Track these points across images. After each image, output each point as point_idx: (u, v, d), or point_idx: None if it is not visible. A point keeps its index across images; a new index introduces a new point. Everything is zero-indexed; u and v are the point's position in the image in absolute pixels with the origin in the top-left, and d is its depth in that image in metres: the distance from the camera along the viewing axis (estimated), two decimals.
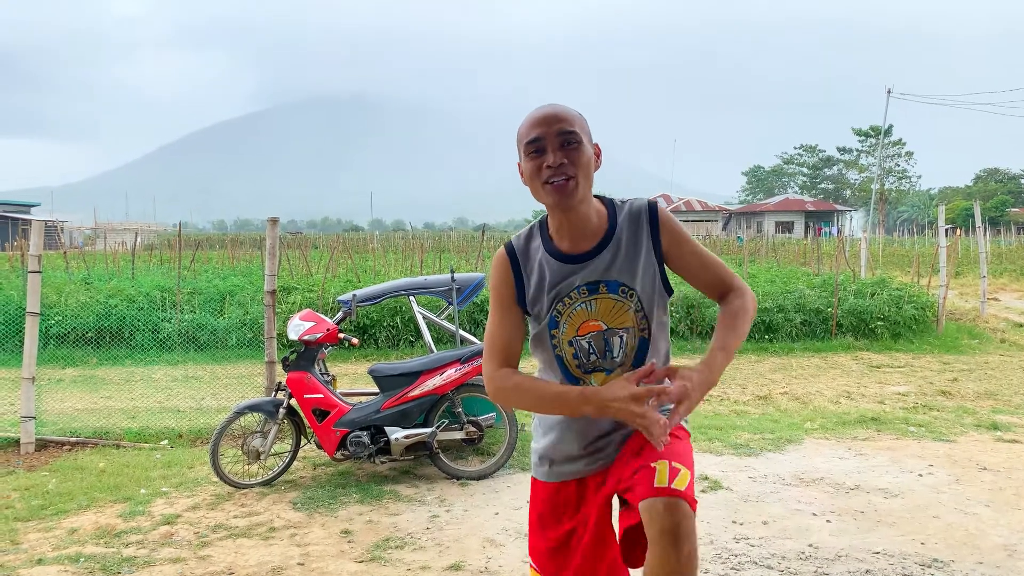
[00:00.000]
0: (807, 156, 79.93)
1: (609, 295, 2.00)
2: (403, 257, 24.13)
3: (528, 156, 1.96)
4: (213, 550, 3.93)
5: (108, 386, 8.46)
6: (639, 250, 2.01)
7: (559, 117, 1.95)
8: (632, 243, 2.01)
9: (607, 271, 2.00)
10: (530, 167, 1.97)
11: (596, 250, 2.00)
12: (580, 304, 2.02)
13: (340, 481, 5.03)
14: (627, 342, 2.02)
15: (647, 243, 2.01)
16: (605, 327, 2.01)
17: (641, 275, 2.00)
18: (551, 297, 2.02)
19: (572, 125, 1.95)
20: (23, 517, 4.44)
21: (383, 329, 10.68)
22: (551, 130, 1.93)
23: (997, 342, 11.22)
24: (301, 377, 5.04)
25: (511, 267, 2.08)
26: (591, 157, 1.97)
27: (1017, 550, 3.77)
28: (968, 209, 47.91)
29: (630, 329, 2.02)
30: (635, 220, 2.02)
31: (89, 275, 15.40)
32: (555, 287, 2.02)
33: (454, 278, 5.81)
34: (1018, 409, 7.06)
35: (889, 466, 5.17)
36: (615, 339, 2.02)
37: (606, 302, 2.01)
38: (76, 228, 56.01)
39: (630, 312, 2.01)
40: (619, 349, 2.02)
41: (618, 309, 2.01)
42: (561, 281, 2.01)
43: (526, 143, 1.96)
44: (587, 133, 1.99)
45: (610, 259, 2.00)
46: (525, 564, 3.71)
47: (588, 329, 2.02)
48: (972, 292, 16.54)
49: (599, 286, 2.00)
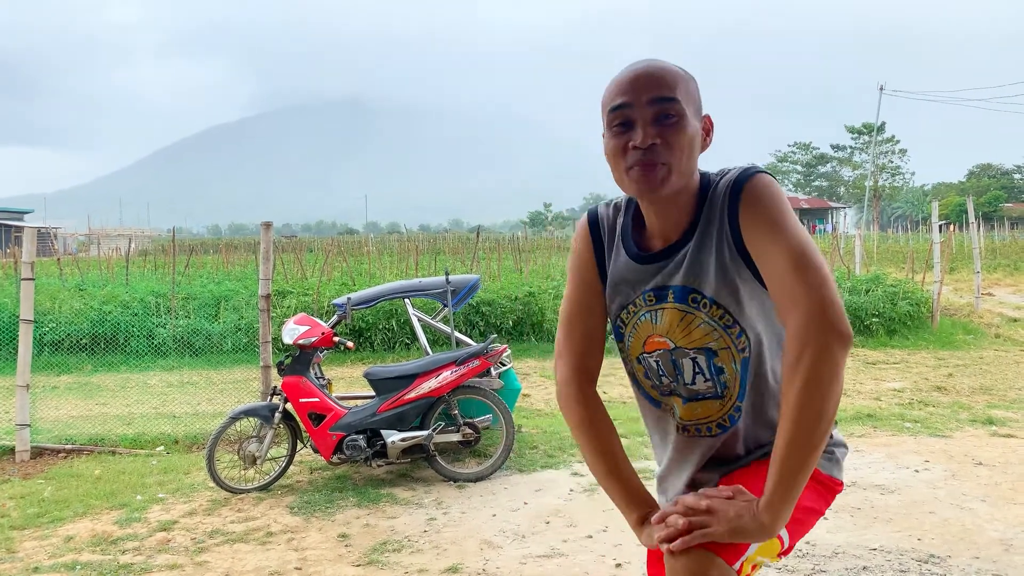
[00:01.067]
0: (801, 154, 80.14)
1: (676, 305, 1.53)
2: (398, 259, 24.11)
3: (611, 128, 1.50)
4: (210, 556, 3.92)
5: (103, 393, 8.43)
6: (710, 241, 1.50)
7: (656, 79, 1.46)
8: (709, 235, 1.51)
9: (676, 273, 1.53)
10: (612, 144, 1.50)
11: (674, 248, 1.54)
12: (645, 314, 1.58)
13: (337, 485, 5.02)
14: (705, 366, 1.55)
15: (720, 230, 1.49)
16: (672, 345, 1.56)
17: (715, 276, 1.49)
18: (617, 302, 1.63)
19: (672, 91, 1.46)
20: (19, 525, 4.42)
21: (378, 332, 10.66)
22: (643, 97, 1.45)
23: (992, 337, 11.26)
24: (296, 381, 5.03)
25: (592, 235, 1.67)
26: (696, 135, 1.49)
27: (1013, 545, 3.77)
28: (961, 205, 48.08)
29: (710, 349, 1.54)
30: (713, 203, 1.51)
31: (83, 281, 15.34)
32: (621, 289, 1.61)
33: (449, 280, 5.81)
34: (1013, 404, 7.08)
35: (885, 462, 5.18)
36: (684, 361, 1.56)
37: (672, 314, 1.54)
38: (70, 235, 55.83)
39: (703, 327, 1.52)
40: (693, 373, 1.56)
41: (686, 323, 1.53)
42: (627, 283, 1.60)
43: (609, 111, 1.50)
44: (695, 101, 1.51)
45: (686, 258, 1.52)
46: (522, 566, 3.71)
47: (654, 346, 1.59)
48: (966, 288, 16.59)
49: (667, 292, 1.54)
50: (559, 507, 4.50)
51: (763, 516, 1.35)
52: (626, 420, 6.60)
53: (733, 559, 1.40)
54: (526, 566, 3.70)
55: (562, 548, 3.90)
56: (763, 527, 1.35)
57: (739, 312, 1.50)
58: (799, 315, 1.34)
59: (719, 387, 1.57)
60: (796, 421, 1.32)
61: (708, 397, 1.58)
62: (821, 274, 1.36)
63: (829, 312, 1.32)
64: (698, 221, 1.52)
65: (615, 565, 3.67)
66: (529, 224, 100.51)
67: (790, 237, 1.40)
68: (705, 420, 1.60)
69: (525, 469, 5.26)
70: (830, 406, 1.32)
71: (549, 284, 13.34)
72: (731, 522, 1.35)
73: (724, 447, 1.60)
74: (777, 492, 1.34)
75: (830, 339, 1.31)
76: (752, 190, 1.47)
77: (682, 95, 1.47)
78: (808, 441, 1.32)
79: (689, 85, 1.51)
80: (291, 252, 24.96)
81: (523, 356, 10.18)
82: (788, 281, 1.37)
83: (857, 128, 63.19)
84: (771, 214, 1.44)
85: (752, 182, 1.48)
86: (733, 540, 1.36)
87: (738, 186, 1.48)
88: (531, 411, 7.15)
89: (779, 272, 1.39)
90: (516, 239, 33.90)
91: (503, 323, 10.84)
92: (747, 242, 1.46)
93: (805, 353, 1.31)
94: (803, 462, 1.33)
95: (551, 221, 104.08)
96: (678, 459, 1.65)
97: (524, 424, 6.34)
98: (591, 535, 4.05)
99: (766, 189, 1.46)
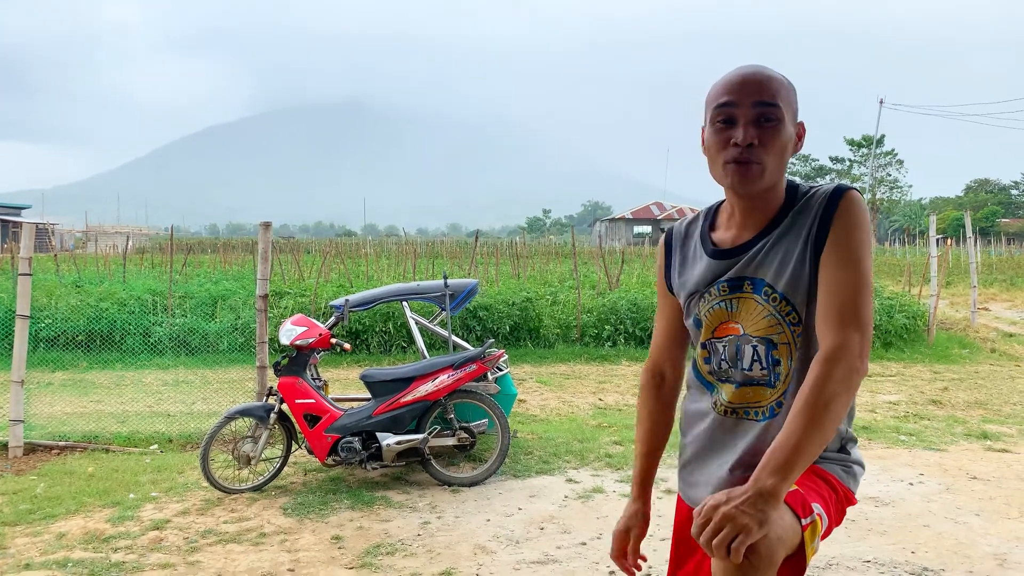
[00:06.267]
0: (800, 165, 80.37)
1: (753, 295, 1.65)
2: (396, 262, 24.12)
3: (713, 124, 1.62)
4: (202, 556, 3.91)
5: (98, 390, 8.41)
6: (795, 243, 1.60)
7: (762, 84, 1.59)
8: (792, 235, 1.61)
9: (754, 267, 1.64)
10: (714, 139, 1.62)
11: (752, 242, 1.66)
12: (719, 303, 1.70)
13: (331, 487, 5.01)
14: (764, 354, 1.65)
15: (808, 235, 1.59)
16: (742, 331, 1.67)
17: (789, 275, 1.60)
18: (687, 293, 1.76)
19: (775, 97, 1.58)
20: (11, 522, 4.40)
21: (375, 334, 10.65)
22: (748, 99, 1.58)
23: (987, 352, 11.28)
24: (292, 382, 5.03)
25: (665, 249, 1.85)
26: (790, 140, 1.61)
27: (1007, 559, 3.78)
28: (959, 219, 48.22)
29: (771, 341, 1.64)
30: (807, 207, 1.62)
31: (80, 278, 15.33)
32: (694, 281, 1.74)
33: (447, 284, 5.81)
34: (1008, 419, 7.09)
35: (880, 475, 5.19)
36: (746, 348, 1.67)
37: (749, 303, 1.66)
38: (67, 231, 55.76)
39: (769, 318, 1.63)
40: (751, 360, 1.67)
41: (758, 314, 1.65)
42: (702, 276, 1.72)
43: (714, 107, 1.62)
44: (792, 108, 1.62)
45: (762, 253, 1.64)
46: (516, 571, 3.71)
47: (726, 332, 1.70)
48: (963, 302, 16.62)
49: (744, 283, 1.66)
50: (553, 513, 4.50)
51: (767, 481, 1.41)
52: (621, 428, 6.61)
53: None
54: (519, 572, 3.70)
55: (556, 554, 3.89)
56: (767, 491, 1.40)
57: (806, 312, 1.61)
58: (841, 334, 1.50)
59: (772, 377, 1.66)
60: (804, 415, 1.46)
61: (760, 384, 1.67)
62: (870, 311, 1.54)
63: (865, 346, 1.51)
64: (779, 222, 1.64)
65: (609, 572, 3.66)
66: (528, 230, 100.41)
67: (864, 265, 1.55)
68: (754, 404, 1.68)
69: (520, 475, 5.25)
70: (839, 405, 1.47)
71: (547, 290, 13.35)
72: (742, 508, 1.38)
73: (759, 441, 1.64)
74: (760, 481, 1.41)
75: (856, 364, 1.49)
76: (849, 203, 1.57)
77: (783, 102, 1.59)
78: (801, 439, 1.44)
79: (789, 93, 1.62)
80: (289, 253, 24.95)
81: (520, 361, 10.18)
82: (847, 302, 1.52)
83: (857, 141, 63.35)
84: (858, 233, 1.56)
85: (851, 195, 1.58)
86: (755, 521, 1.38)
87: (838, 195, 1.59)
88: (527, 416, 7.15)
89: (842, 291, 1.53)
90: (514, 244, 33.93)
91: (500, 328, 10.84)
92: (827, 248, 1.56)
93: (833, 365, 1.48)
94: (808, 433, 1.45)
95: (550, 227, 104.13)
96: (713, 447, 1.72)
97: (520, 429, 6.33)
98: (585, 542, 4.05)
99: (861, 207, 1.58)
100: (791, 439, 1.45)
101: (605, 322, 11.36)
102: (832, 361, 1.48)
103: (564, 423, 6.86)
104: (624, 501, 4.61)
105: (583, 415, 7.27)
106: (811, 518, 1.51)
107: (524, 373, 9.47)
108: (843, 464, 1.71)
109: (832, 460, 1.69)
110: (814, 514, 1.52)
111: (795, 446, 1.44)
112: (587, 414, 7.32)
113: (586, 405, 7.76)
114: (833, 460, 1.70)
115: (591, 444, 5.95)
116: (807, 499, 1.53)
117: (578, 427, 6.65)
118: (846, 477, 1.70)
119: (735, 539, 1.36)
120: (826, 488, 1.63)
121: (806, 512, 1.50)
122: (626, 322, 11.32)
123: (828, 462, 1.69)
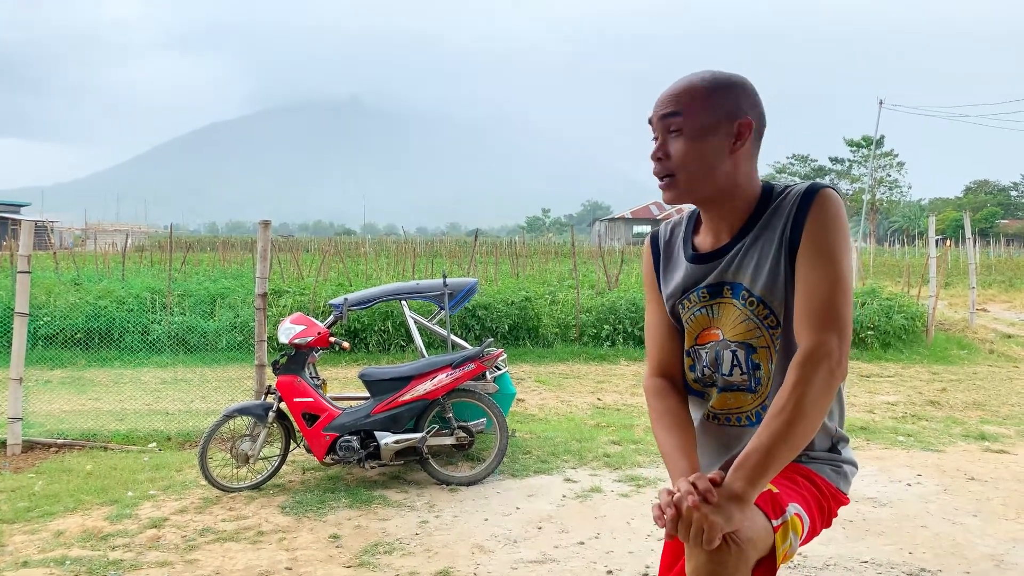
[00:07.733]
0: (799, 166, 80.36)
1: (732, 300, 1.64)
2: (395, 261, 24.10)
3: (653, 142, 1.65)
4: (200, 554, 3.91)
5: (96, 388, 8.41)
6: (770, 245, 1.58)
7: (670, 96, 1.58)
8: (767, 237, 1.59)
9: (732, 271, 1.63)
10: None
11: (728, 246, 1.64)
12: (700, 309, 1.69)
13: (329, 486, 5.01)
14: (743, 359, 1.64)
15: (782, 236, 1.57)
16: (722, 337, 1.67)
17: (766, 277, 1.58)
18: (672, 300, 1.74)
19: (677, 105, 1.56)
20: (8, 519, 4.40)
21: (374, 333, 10.65)
22: (658, 113, 1.60)
23: (985, 353, 11.29)
24: (291, 381, 5.03)
25: (652, 251, 1.83)
26: (707, 144, 1.55)
27: (1004, 560, 3.78)
28: (958, 220, 48.23)
29: (750, 345, 1.63)
30: (780, 208, 1.59)
31: (79, 276, 15.31)
32: (675, 285, 1.73)
33: (446, 283, 5.81)
34: (1006, 420, 7.10)
35: (878, 475, 5.19)
36: (725, 353, 1.66)
37: (728, 308, 1.65)
38: (66, 228, 55.73)
39: (747, 322, 1.62)
40: (731, 365, 1.66)
41: (736, 318, 1.63)
42: (682, 282, 1.71)
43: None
44: (713, 111, 1.55)
45: (739, 257, 1.62)
46: (514, 571, 3.71)
47: (707, 338, 1.69)
48: (961, 303, 16.63)
49: (723, 288, 1.65)
50: (551, 513, 4.50)
51: (736, 484, 1.39)
52: (620, 427, 6.61)
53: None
54: (517, 571, 3.70)
55: (554, 554, 3.89)
56: (735, 495, 1.38)
57: (784, 315, 1.59)
58: (818, 336, 1.47)
59: (753, 381, 1.65)
60: (780, 418, 1.43)
61: (741, 389, 1.67)
62: (849, 311, 1.51)
63: (843, 346, 1.49)
64: (753, 225, 1.61)
65: (606, 572, 3.66)
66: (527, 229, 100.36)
67: (840, 264, 1.51)
68: (737, 410, 1.68)
69: (518, 474, 5.25)
70: (815, 409, 1.44)
71: (545, 289, 13.35)
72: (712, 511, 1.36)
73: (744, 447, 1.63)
74: (751, 458, 1.41)
75: (833, 367, 1.46)
76: (823, 201, 1.54)
77: (691, 108, 1.55)
78: (790, 419, 1.42)
79: (708, 97, 1.56)
80: (288, 252, 24.94)
81: (518, 361, 10.18)
82: (823, 303, 1.49)
83: (856, 142, 63.33)
84: (833, 232, 1.52)
85: (825, 193, 1.55)
86: (722, 519, 1.36)
87: (810, 194, 1.55)
88: (525, 416, 7.15)
89: (818, 291, 1.50)
90: (514, 244, 33.92)
91: (499, 327, 10.84)
92: (801, 247, 1.53)
93: (810, 367, 1.45)
94: (782, 437, 1.42)
95: (549, 227, 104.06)
96: (704, 452, 1.73)
97: (518, 429, 6.33)
98: (583, 541, 4.05)
99: (835, 205, 1.54)
100: (764, 443, 1.42)
101: (604, 322, 11.37)
102: (809, 363, 1.46)
103: (562, 423, 6.87)
104: (622, 501, 4.62)
105: (581, 415, 7.27)
106: (783, 519, 1.49)
107: (523, 372, 9.48)
108: (832, 464, 1.69)
109: (821, 460, 1.69)
110: (787, 515, 1.50)
111: (767, 449, 1.42)
112: (585, 414, 7.33)
113: (585, 405, 7.76)
114: (822, 460, 1.69)
115: (589, 444, 5.95)
116: (781, 500, 1.51)
117: (576, 427, 6.65)
118: (835, 477, 1.68)
119: (703, 533, 1.35)
120: (809, 488, 1.62)
121: (777, 513, 1.48)
122: (625, 322, 11.32)
123: (816, 462, 1.68)
